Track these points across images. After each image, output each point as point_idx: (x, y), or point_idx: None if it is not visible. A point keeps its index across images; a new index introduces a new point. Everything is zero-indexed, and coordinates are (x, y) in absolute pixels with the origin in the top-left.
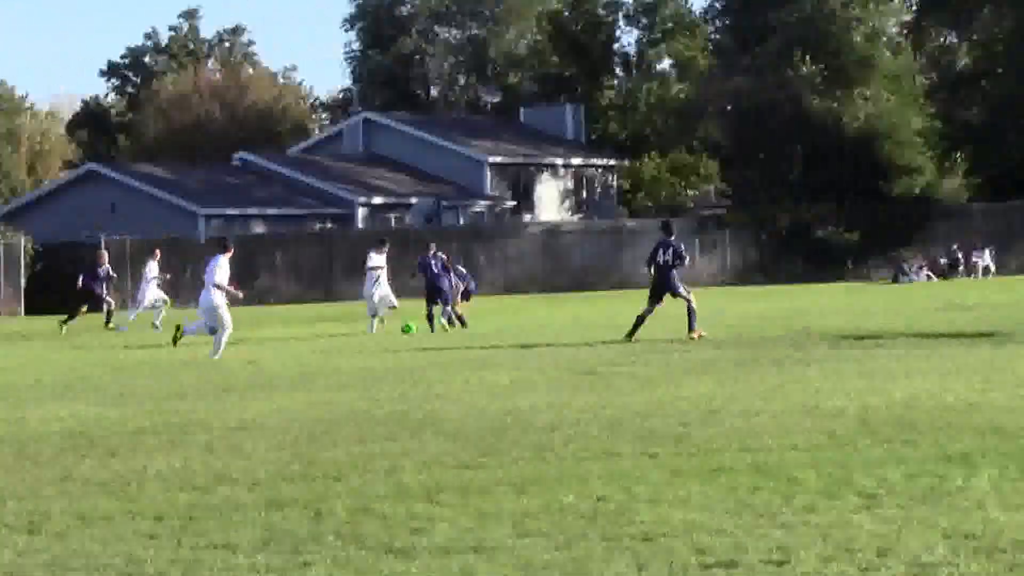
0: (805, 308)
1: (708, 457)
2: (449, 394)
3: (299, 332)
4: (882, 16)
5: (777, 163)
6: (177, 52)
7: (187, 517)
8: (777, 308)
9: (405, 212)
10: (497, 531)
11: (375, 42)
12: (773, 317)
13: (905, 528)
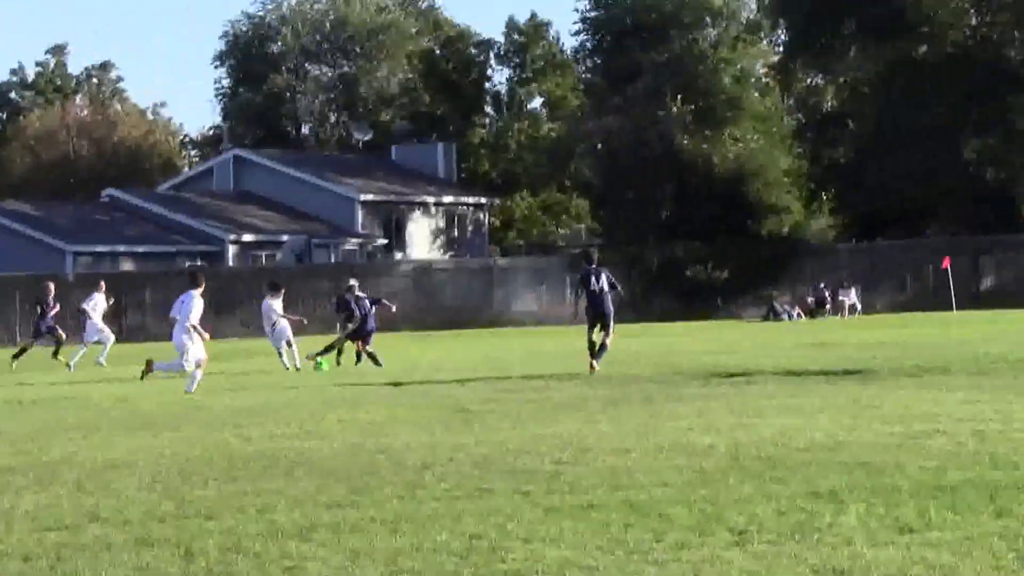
0: (676, 346)
1: (580, 495)
2: (322, 432)
3: None
4: (750, 58)
5: (647, 202)
6: (44, 88)
7: (56, 557)
8: (648, 345)
9: (276, 250)
10: (370, 570)
11: (245, 79)
12: (644, 354)
13: (775, 564)
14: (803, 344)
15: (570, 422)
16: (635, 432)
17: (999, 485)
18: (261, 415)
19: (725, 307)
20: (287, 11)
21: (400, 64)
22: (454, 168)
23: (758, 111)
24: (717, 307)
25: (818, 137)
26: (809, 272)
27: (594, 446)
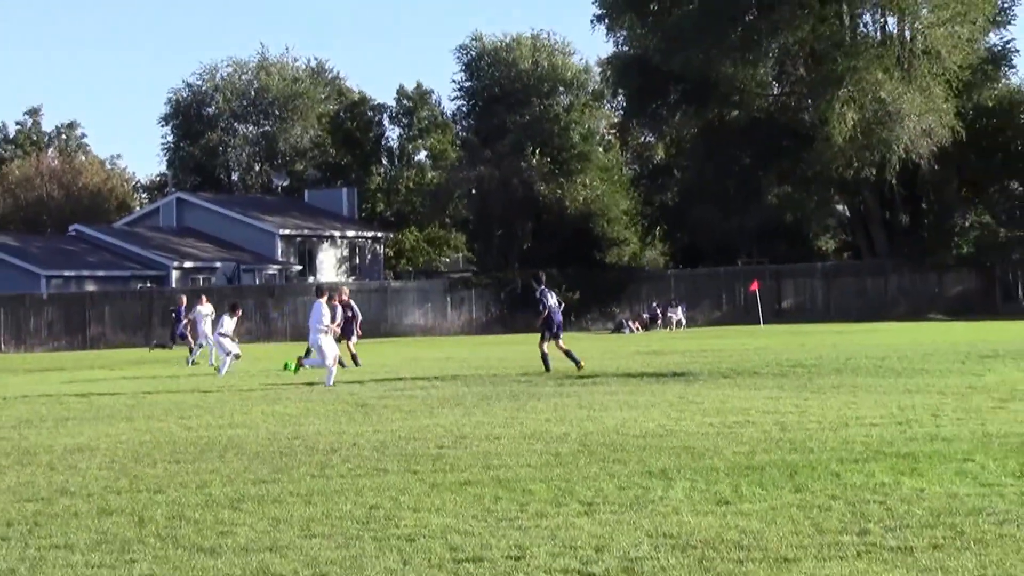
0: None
1: (459, 473)
2: (249, 422)
3: (124, 372)
4: (595, 119)
5: (512, 236)
6: (23, 142)
7: (33, 523)
8: (513, 353)
9: (211, 274)
10: (288, 534)
11: (186, 135)
12: (510, 360)
13: (617, 529)
14: (639, 352)
15: (450, 414)
16: (503, 422)
17: (798, 466)
18: (199, 408)
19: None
20: (220, 81)
21: (311, 123)
22: (356, 208)
23: (602, 162)
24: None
25: (650, 184)
26: (644, 293)
27: (470, 434)
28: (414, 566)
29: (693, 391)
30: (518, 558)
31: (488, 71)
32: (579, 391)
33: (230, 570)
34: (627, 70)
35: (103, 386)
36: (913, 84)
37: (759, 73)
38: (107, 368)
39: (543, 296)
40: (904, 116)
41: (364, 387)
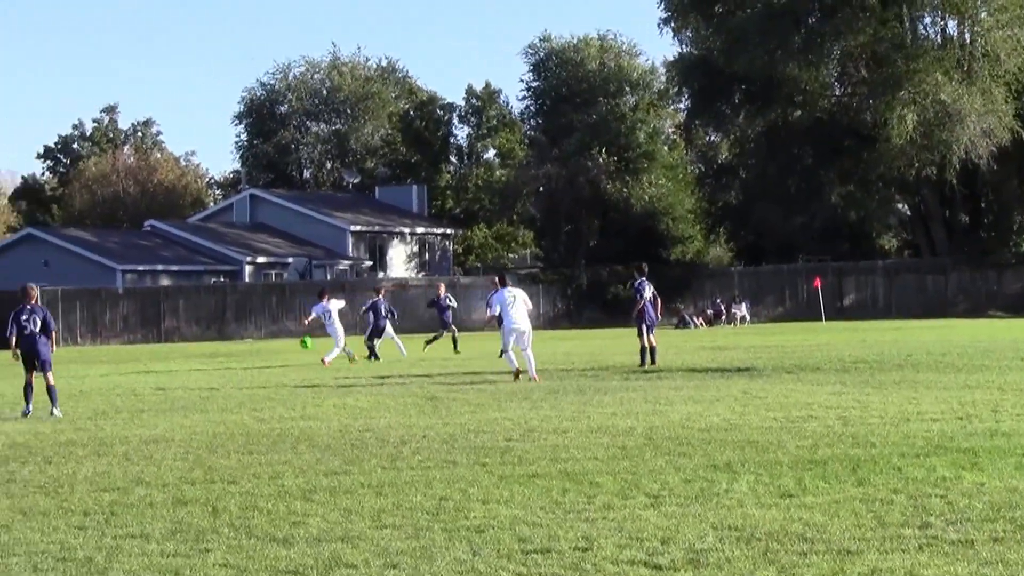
0: (601, 349)
1: (527, 465)
2: (320, 415)
3: (198, 365)
4: (661, 118)
5: (579, 233)
6: (99, 139)
7: (110, 512)
8: (580, 348)
9: (283, 269)
10: (359, 524)
11: (259, 133)
12: (577, 355)
13: (683, 522)
14: (704, 347)
15: (518, 408)
16: (571, 416)
17: (860, 460)
18: (272, 400)
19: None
20: (292, 80)
21: (382, 122)
22: (425, 205)
23: (667, 161)
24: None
25: (714, 183)
26: (708, 290)
27: (538, 427)
28: (483, 557)
29: (757, 386)
30: (585, 549)
31: (556, 71)
32: (645, 386)
33: (302, 560)
34: (692, 71)
35: (177, 379)
36: (973, 86)
37: (821, 74)
38: (182, 360)
39: (640, 288)
40: (964, 117)
41: (433, 381)
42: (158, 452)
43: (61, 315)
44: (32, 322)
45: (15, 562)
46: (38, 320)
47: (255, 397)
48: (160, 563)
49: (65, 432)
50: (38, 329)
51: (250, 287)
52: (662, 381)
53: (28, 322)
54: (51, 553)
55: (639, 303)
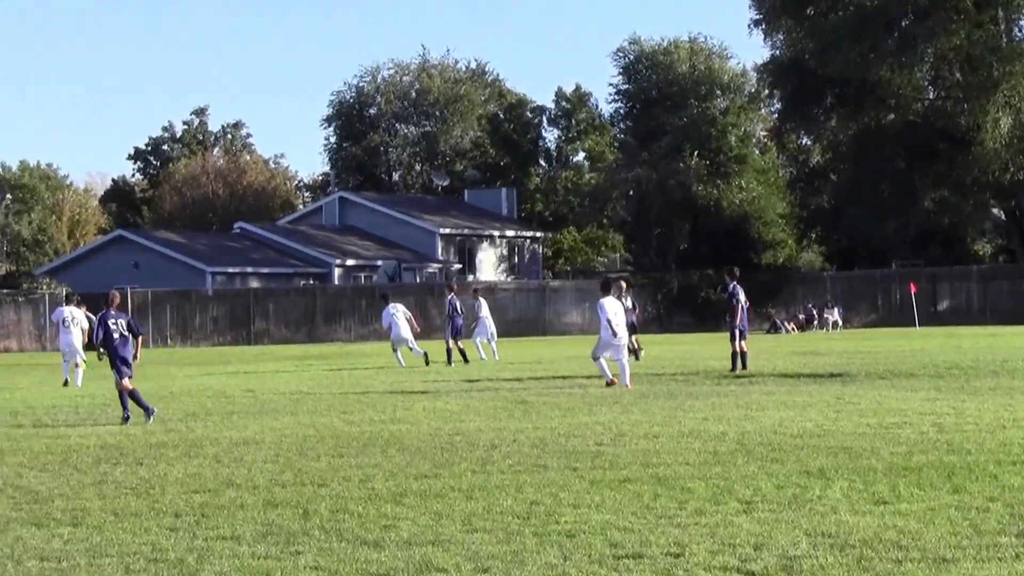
0: (692, 353)
1: (618, 470)
2: (410, 418)
3: (287, 367)
4: (752, 122)
5: (669, 236)
6: (189, 142)
7: (200, 514)
8: (670, 352)
9: (372, 272)
10: (450, 528)
11: (348, 136)
12: (667, 359)
13: (775, 528)
14: (796, 352)
15: (609, 412)
16: (662, 421)
17: (955, 467)
18: (362, 403)
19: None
20: (381, 83)
21: (471, 125)
22: (515, 208)
23: (758, 165)
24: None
25: (806, 186)
26: (800, 294)
27: (628, 432)
28: (574, 562)
29: (850, 392)
30: (677, 555)
31: (645, 74)
32: (736, 391)
33: (393, 563)
34: (783, 73)
35: (267, 381)
36: None
37: (914, 77)
38: (271, 362)
39: (735, 292)
40: None
41: (523, 384)
42: (249, 454)
43: (151, 317)
44: (119, 326)
45: (108, 563)
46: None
47: (345, 400)
48: (251, 565)
49: (156, 434)
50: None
51: (339, 290)
52: (754, 386)
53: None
54: (143, 554)
55: (737, 308)
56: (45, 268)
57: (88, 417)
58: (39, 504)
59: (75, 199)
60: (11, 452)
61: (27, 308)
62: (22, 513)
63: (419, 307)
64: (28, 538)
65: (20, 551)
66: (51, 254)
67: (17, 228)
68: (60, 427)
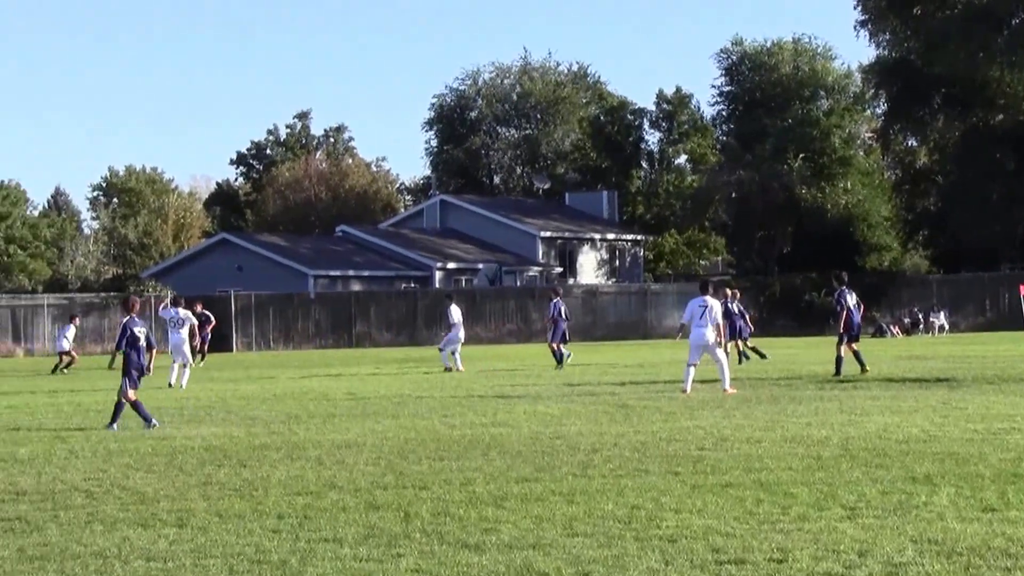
0: (795, 358)
1: (720, 475)
2: (511, 421)
3: (389, 370)
4: (856, 123)
5: (772, 239)
6: (292, 145)
7: (303, 516)
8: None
9: (473, 275)
10: (551, 532)
11: (449, 139)
12: (769, 364)
13: (880, 534)
14: (901, 357)
15: (710, 416)
16: (764, 426)
17: None
18: (463, 406)
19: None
20: (482, 86)
21: (572, 127)
22: (616, 211)
23: (863, 167)
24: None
25: (912, 188)
26: (905, 298)
27: (731, 436)
28: (676, 566)
29: (957, 397)
30: (780, 561)
31: (748, 75)
32: (840, 395)
33: (494, 567)
34: (889, 74)
35: (369, 384)
36: None
37: None
38: (373, 365)
39: (842, 297)
40: None
41: (624, 388)
42: (350, 457)
43: (254, 320)
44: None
45: (212, 564)
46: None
47: (446, 403)
48: (353, 567)
49: (259, 436)
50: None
51: (440, 293)
52: (858, 391)
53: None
54: (246, 556)
55: (842, 313)
56: (151, 271)
57: (193, 418)
58: (145, 505)
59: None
60: (118, 453)
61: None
62: (129, 514)
63: (520, 311)
64: (135, 538)
65: (127, 551)
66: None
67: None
68: (165, 428)
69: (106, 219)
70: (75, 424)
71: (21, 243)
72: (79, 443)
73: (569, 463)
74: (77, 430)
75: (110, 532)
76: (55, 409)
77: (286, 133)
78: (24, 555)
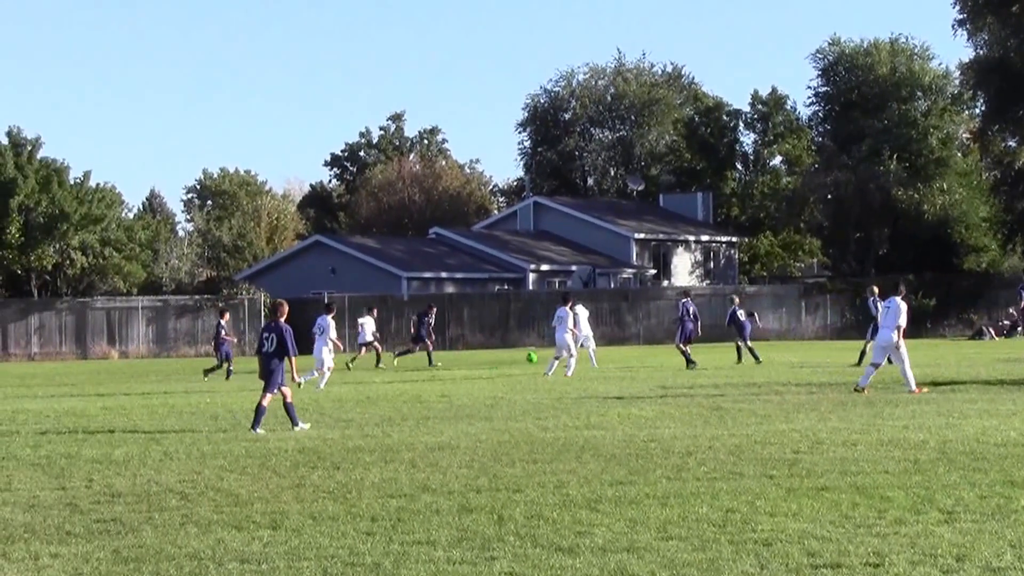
0: None
1: (816, 478)
2: (604, 424)
3: (482, 373)
4: (954, 124)
5: (868, 241)
6: (386, 147)
7: (396, 518)
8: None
9: (567, 277)
10: (645, 535)
11: (543, 140)
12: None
13: (978, 539)
14: (999, 360)
15: (806, 419)
16: (860, 429)
17: None
18: (556, 409)
19: (933, 328)
20: (576, 87)
21: (667, 129)
22: (710, 213)
23: (961, 168)
24: (927, 328)
25: (1011, 190)
26: (1003, 300)
27: (826, 439)
28: (771, 570)
29: None
30: (876, 565)
31: (844, 76)
32: (937, 399)
33: (588, 570)
34: (988, 74)
35: (462, 386)
36: None
37: None
38: (466, 368)
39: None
40: None
41: (719, 391)
42: (444, 459)
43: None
44: (269, 341)
45: (306, 566)
46: (274, 339)
47: (539, 405)
48: (446, 570)
49: (353, 438)
50: (272, 348)
51: (533, 295)
52: (956, 394)
53: (267, 340)
54: (340, 558)
55: None
56: (245, 273)
57: (287, 421)
58: (239, 507)
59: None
60: (212, 456)
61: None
62: (223, 516)
63: (613, 313)
64: (229, 540)
65: (221, 553)
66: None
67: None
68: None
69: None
70: (169, 426)
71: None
72: (173, 445)
73: (663, 466)
74: (172, 432)
75: (204, 534)
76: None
77: (379, 135)
78: (119, 556)
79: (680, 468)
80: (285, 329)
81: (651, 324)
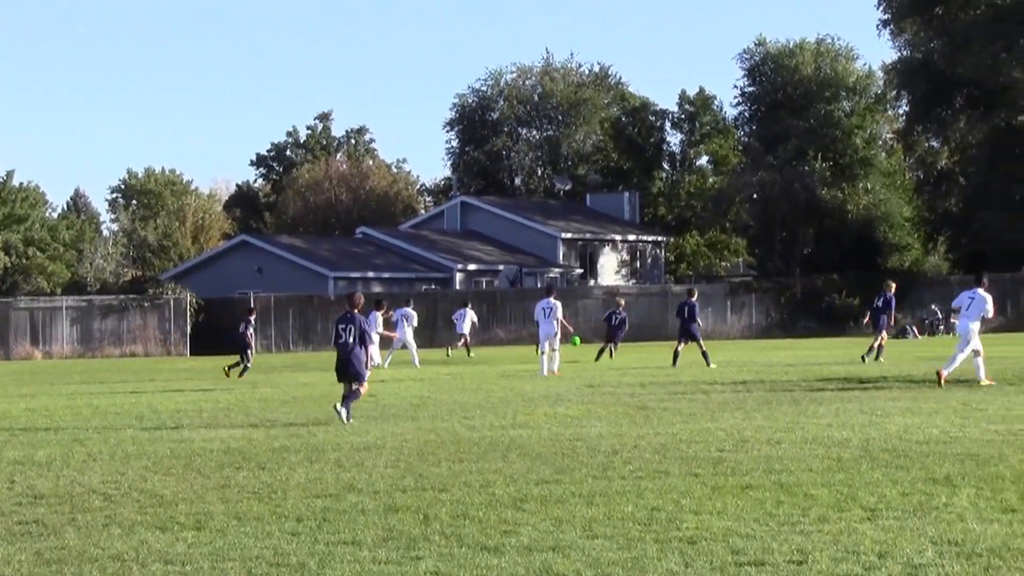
0: (816, 358)
1: (740, 476)
2: (530, 423)
3: (408, 372)
4: (878, 124)
5: (793, 241)
6: (313, 147)
7: (322, 519)
8: (793, 358)
9: (494, 277)
10: (570, 534)
11: (471, 140)
12: (790, 365)
13: (900, 536)
14: (922, 358)
15: (731, 418)
16: (785, 427)
17: None
18: (482, 408)
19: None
20: (504, 87)
21: (593, 129)
22: (637, 212)
23: (885, 168)
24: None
25: (934, 190)
26: (927, 299)
27: (751, 438)
28: (696, 568)
29: (977, 398)
30: (800, 562)
31: (770, 76)
32: (861, 396)
33: (513, 569)
34: (912, 75)
35: (389, 386)
36: None
37: None
38: (392, 368)
39: None
40: None
41: (644, 390)
42: (369, 459)
43: (273, 322)
44: (347, 331)
45: (230, 567)
46: (353, 330)
47: (465, 405)
48: (372, 570)
49: (279, 438)
50: (352, 339)
51: (461, 295)
52: (879, 392)
53: (344, 331)
54: (265, 558)
55: None
56: (170, 273)
57: (212, 421)
58: (163, 508)
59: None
60: (136, 456)
61: (152, 313)
62: (147, 517)
63: None
64: (152, 541)
65: (145, 554)
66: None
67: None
68: (183, 430)
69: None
70: (93, 427)
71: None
72: (97, 446)
73: (589, 465)
74: (96, 433)
75: (128, 535)
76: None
77: (306, 135)
78: (41, 558)
79: (606, 467)
80: (365, 319)
81: (578, 323)
